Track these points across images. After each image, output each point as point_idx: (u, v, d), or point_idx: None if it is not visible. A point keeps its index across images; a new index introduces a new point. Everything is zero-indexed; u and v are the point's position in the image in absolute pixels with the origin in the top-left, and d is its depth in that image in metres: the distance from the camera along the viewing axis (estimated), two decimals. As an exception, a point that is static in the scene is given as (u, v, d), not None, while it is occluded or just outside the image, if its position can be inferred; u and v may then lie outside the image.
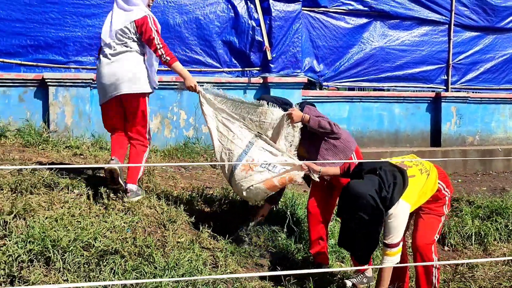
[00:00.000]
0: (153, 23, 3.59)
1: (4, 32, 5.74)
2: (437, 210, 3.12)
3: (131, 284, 2.55)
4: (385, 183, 2.74)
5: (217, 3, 6.58)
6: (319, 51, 7.19)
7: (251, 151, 3.36)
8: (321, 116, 3.54)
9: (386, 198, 2.71)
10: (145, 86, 3.59)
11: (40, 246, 2.54)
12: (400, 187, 2.78)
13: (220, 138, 3.52)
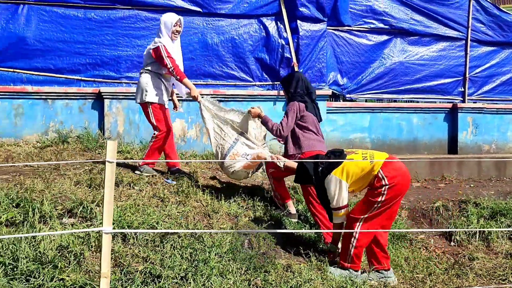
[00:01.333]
0: (165, 51, 4.65)
1: (68, 52, 6.65)
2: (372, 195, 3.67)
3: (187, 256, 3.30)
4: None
5: (250, 24, 7.34)
6: (343, 66, 7.86)
7: (236, 146, 4.59)
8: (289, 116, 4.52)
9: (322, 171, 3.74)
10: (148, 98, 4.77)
11: (118, 227, 3.33)
12: (333, 165, 3.70)
13: (215, 137, 4.70)
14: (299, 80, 4.72)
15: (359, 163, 3.70)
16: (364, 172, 3.68)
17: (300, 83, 4.69)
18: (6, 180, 4.04)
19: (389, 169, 3.65)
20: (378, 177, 3.63)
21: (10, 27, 6.41)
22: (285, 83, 4.86)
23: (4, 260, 2.86)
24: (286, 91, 4.84)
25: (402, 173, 3.72)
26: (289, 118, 4.51)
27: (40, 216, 3.33)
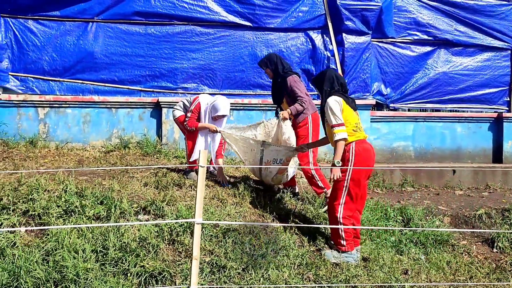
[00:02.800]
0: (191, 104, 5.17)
1: (130, 65, 7.27)
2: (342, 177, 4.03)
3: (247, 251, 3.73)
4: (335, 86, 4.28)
5: (297, 37, 7.75)
6: (387, 77, 8.13)
7: (265, 155, 4.92)
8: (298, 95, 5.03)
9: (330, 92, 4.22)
10: None
11: (187, 223, 3.79)
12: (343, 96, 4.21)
13: (244, 156, 5.05)
14: (281, 59, 5.29)
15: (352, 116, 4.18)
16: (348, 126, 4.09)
17: (284, 62, 5.28)
18: (86, 180, 4.60)
19: (360, 147, 4.11)
20: (350, 146, 4.08)
21: (80, 43, 7.10)
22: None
23: (96, 248, 3.37)
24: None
25: (369, 154, 4.18)
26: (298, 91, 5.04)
27: (120, 212, 3.84)
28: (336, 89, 4.26)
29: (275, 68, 5.27)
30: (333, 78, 4.31)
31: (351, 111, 4.20)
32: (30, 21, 6.96)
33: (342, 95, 4.24)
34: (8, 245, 3.33)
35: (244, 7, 7.47)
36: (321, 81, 4.36)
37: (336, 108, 4.07)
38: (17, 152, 6.27)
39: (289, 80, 5.13)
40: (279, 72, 5.24)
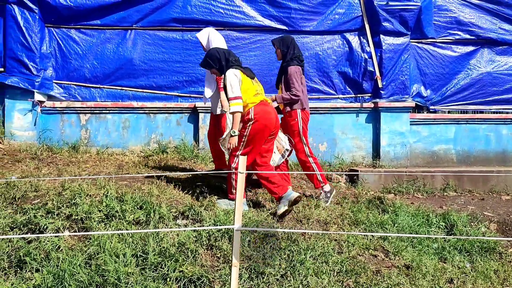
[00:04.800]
0: None
1: (167, 71, 7.38)
2: (241, 132, 4.42)
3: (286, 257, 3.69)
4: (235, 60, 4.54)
5: (334, 40, 7.66)
6: (426, 78, 7.90)
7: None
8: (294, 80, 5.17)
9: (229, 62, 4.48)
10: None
11: (225, 229, 3.79)
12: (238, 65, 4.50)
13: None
14: (295, 45, 5.32)
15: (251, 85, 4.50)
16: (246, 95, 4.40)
17: (296, 48, 5.30)
18: (126, 185, 4.69)
19: (259, 110, 4.43)
20: (249, 111, 4.41)
21: (120, 51, 7.27)
22: (284, 45, 5.30)
23: (136, 253, 3.42)
24: (283, 52, 5.29)
25: (269, 116, 4.47)
26: (295, 82, 5.13)
27: (159, 217, 3.89)
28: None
29: (286, 51, 5.30)
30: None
31: (249, 81, 4.52)
32: (72, 30, 7.19)
33: (239, 67, 4.55)
34: (53, 249, 3.42)
35: (280, 11, 7.45)
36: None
37: (234, 81, 4.38)
38: (61, 157, 6.47)
39: (290, 69, 5.18)
40: (287, 56, 5.29)
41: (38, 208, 3.84)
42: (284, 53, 5.30)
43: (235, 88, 4.35)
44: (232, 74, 4.41)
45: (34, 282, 3.13)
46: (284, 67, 5.26)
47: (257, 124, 4.40)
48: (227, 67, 4.49)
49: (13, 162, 5.91)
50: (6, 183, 4.33)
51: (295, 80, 5.15)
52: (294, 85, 5.12)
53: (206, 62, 4.65)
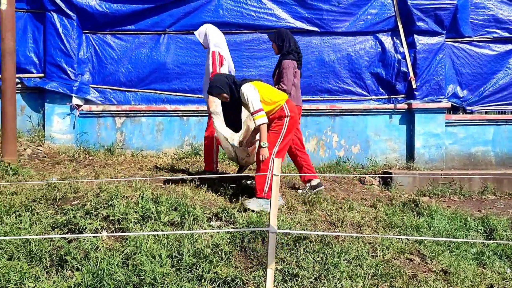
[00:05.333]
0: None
1: (200, 74, 7.46)
2: (277, 128, 4.45)
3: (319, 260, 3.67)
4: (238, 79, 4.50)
5: (366, 41, 7.57)
6: (463, 78, 7.70)
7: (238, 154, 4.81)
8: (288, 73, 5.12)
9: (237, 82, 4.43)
10: None
11: (259, 231, 3.80)
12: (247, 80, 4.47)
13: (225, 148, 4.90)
14: (290, 38, 5.27)
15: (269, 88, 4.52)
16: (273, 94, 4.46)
17: (292, 41, 5.25)
18: (161, 187, 4.77)
19: (291, 105, 4.55)
20: (282, 107, 4.45)
21: (153, 55, 7.41)
22: (279, 39, 5.29)
23: (171, 254, 3.48)
24: (279, 46, 5.30)
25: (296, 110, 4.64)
26: (285, 76, 5.08)
27: (193, 218, 3.94)
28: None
29: (281, 44, 5.29)
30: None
31: (263, 84, 4.55)
32: (108, 35, 7.39)
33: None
34: (92, 248, 3.52)
35: (311, 12, 7.43)
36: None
37: (253, 95, 4.32)
38: (97, 159, 6.65)
39: (283, 63, 5.17)
40: (283, 50, 5.27)
41: (77, 209, 3.96)
42: (280, 47, 5.32)
43: (255, 102, 4.31)
44: (249, 89, 4.36)
45: (75, 281, 3.22)
46: (279, 61, 5.30)
47: (293, 119, 4.51)
48: (236, 87, 4.43)
49: (52, 164, 6.11)
50: (47, 184, 4.48)
51: (286, 74, 5.12)
52: (283, 78, 5.11)
53: (216, 89, 4.44)
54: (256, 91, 4.38)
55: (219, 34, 5.46)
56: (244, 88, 4.37)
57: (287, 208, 4.57)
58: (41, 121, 7.24)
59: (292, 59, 5.20)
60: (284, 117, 4.48)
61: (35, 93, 7.23)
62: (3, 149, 5.79)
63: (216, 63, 5.23)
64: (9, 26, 5.74)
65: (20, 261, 3.35)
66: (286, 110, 4.49)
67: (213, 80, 4.52)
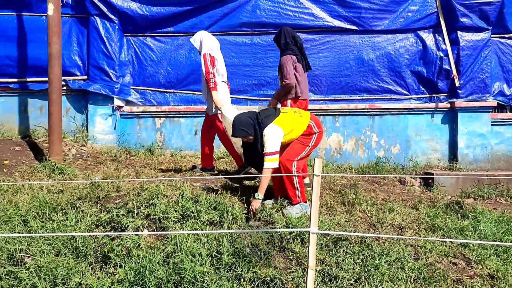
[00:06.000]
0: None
1: (237, 75, 7.52)
2: (304, 141, 4.35)
3: (359, 262, 3.61)
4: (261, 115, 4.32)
5: (407, 38, 7.39)
6: (510, 75, 7.39)
7: None
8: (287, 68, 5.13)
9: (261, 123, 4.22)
10: None
11: (298, 231, 3.78)
12: (271, 117, 4.27)
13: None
14: (286, 33, 5.27)
15: (292, 118, 4.34)
16: (298, 124, 4.33)
17: (288, 36, 5.25)
18: (200, 187, 4.83)
19: (315, 121, 4.44)
20: (310, 125, 4.38)
21: (191, 56, 7.51)
22: (275, 37, 5.41)
23: (211, 252, 3.52)
24: (277, 44, 5.38)
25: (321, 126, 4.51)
26: (288, 70, 5.09)
27: (232, 218, 3.96)
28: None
29: (278, 42, 5.35)
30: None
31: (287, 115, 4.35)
32: (148, 38, 7.54)
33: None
34: (134, 246, 3.60)
35: (350, 11, 7.33)
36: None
37: (274, 139, 4.15)
38: (138, 159, 6.81)
39: (282, 59, 5.21)
40: (281, 46, 5.31)
41: (120, 207, 4.06)
42: (278, 44, 5.37)
43: (273, 145, 4.11)
44: (272, 132, 4.15)
45: (118, 277, 3.31)
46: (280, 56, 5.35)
47: (320, 134, 4.46)
48: (260, 128, 4.22)
49: (95, 164, 6.30)
50: (91, 183, 4.62)
51: (286, 69, 5.13)
52: (284, 73, 5.13)
53: (241, 132, 4.25)
54: (279, 134, 4.16)
55: (213, 39, 5.61)
56: (267, 131, 4.16)
57: (326, 209, 4.53)
58: (85, 122, 7.48)
59: (291, 54, 5.24)
60: (313, 134, 4.39)
61: (79, 95, 7.47)
62: (50, 149, 6.02)
63: (207, 63, 5.35)
64: (56, 30, 5.96)
65: (66, 257, 3.47)
66: (314, 128, 4.39)
67: (238, 121, 4.28)
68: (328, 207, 4.57)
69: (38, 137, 7.25)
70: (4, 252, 3.47)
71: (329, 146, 7.45)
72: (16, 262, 3.42)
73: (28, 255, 3.49)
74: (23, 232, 3.75)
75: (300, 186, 4.30)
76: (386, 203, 4.99)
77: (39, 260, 3.38)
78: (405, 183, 6.57)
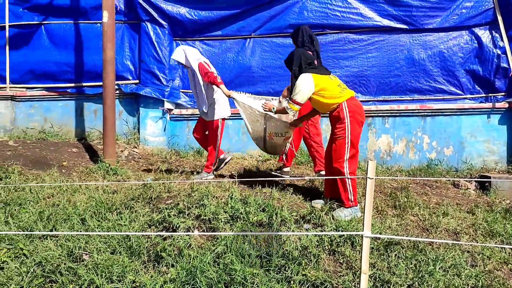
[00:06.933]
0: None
1: (284, 76, 7.48)
2: (341, 134, 4.18)
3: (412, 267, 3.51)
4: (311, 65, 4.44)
5: (461, 36, 7.12)
6: None
7: (268, 127, 4.99)
8: None
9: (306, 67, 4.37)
10: None
11: (348, 234, 3.73)
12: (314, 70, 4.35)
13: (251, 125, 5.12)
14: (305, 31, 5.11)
15: (331, 83, 4.28)
16: (331, 94, 4.22)
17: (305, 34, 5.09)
18: (248, 188, 4.86)
19: (351, 103, 4.22)
20: (342, 105, 4.19)
21: (239, 59, 7.59)
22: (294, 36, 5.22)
23: (261, 254, 3.53)
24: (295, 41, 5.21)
25: (361, 109, 4.28)
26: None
27: (281, 220, 3.96)
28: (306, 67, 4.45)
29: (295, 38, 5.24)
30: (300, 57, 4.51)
31: (326, 79, 4.32)
32: (196, 42, 7.70)
33: (313, 69, 4.40)
34: (185, 246, 3.67)
35: (400, 9, 7.16)
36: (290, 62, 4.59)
37: (305, 89, 4.25)
38: (187, 161, 6.95)
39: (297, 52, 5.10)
40: (297, 44, 5.19)
41: (171, 208, 4.16)
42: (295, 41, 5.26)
43: (302, 95, 4.26)
44: (306, 81, 4.27)
45: (170, 276, 3.38)
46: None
47: (355, 121, 4.19)
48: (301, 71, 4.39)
49: (147, 165, 6.49)
50: (143, 184, 4.77)
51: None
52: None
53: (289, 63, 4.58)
54: (309, 87, 4.25)
55: (195, 50, 5.71)
56: (301, 77, 4.31)
57: (376, 212, 4.43)
58: (136, 124, 7.72)
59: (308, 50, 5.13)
60: (343, 120, 4.18)
61: (131, 98, 7.73)
62: (104, 151, 6.26)
63: (205, 67, 5.42)
64: (110, 37, 6.20)
65: (121, 255, 3.59)
66: (345, 111, 4.17)
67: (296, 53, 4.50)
68: (378, 211, 4.47)
69: (92, 139, 7.57)
70: (65, 249, 3.64)
71: (379, 148, 7.30)
72: (75, 259, 3.58)
73: (86, 252, 3.64)
74: (81, 230, 3.91)
75: (353, 189, 4.22)
76: (439, 207, 4.82)
77: (96, 258, 3.51)
78: (459, 186, 6.32)
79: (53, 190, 4.82)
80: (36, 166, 5.92)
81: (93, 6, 7.56)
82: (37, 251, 3.64)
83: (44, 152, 6.52)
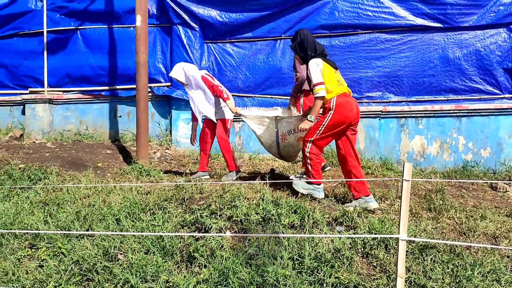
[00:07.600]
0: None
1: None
2: (321, 119, 4.37)
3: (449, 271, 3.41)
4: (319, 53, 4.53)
5: (498, 34, 6.91)
6: None
7: (279, 128, 4.99)
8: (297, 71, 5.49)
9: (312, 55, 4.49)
10: None
11: (381, 237, 3.67)
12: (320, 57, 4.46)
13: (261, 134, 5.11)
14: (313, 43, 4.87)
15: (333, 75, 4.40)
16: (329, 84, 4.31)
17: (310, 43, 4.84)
18: (279, 189, 4.85)
19: (341, 99, 4.32)
20: (330, 100, 4.30)
21: (269, 60, 7.59)
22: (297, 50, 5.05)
23: (293, 256, 3.51)
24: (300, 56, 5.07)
25: (350, 108, 4.32)
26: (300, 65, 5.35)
27: (313, 222, 3.93)
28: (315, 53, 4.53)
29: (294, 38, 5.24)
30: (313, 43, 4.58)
31: (331, 69, 4.43)
32: (227, 44, 7.75)
33: (321, 56, 4.50)
34: (217, 247, 3.70)
35: (434, 8, 7.00)
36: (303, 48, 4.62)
37: (316, 69, 4.36)
38: (218, 162, 6.99)
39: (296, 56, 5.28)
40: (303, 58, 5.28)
41: (203, 208, 4.19)
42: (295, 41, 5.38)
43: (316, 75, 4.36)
44: (313, 62, 4.42)
45: (203, 277, 3.41)
46: None
47: (337, 115, 4.31)
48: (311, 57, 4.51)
49: (179, 166, 6.57)
50: (176, 185, 4.83)
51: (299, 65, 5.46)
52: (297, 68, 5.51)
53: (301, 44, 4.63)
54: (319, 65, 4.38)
55: (193, 66, 5.71)
56: (311, 63, 4.42)
57: (410, 215, 4.34)
58: (168, 126, 7.83)
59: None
60: (328, 110, 4.34)
61: (163, 100, 7.85)
62: (138, 153, 6.38)
63: (210, 80, 5.51)
64: (143, 41, 6.32)
65: (155, 255, 3.64)
66: (333, 104, 4.31)
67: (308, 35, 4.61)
68: (412, 213, 4.37)
69: (126, 141, 7.72)
70: (100, 248, 3.72)
71: (412, 149, 7.16)
72: (111, 258, 3.65)
73: (120, 252, 3.71)
74: (116, 230, 3.99)
75: (313, 170, 4.44)
76: (476, 210, 4.68)
77: (131, 257, 3.58)
78: (497, 189, 6.11)
79: (89, 190, 4.94)
80: (72, 167, 6.09)
81: (126, 11, 7.72)
82: (75, 250, 3.74)
83: (80, 154, 6.70)
